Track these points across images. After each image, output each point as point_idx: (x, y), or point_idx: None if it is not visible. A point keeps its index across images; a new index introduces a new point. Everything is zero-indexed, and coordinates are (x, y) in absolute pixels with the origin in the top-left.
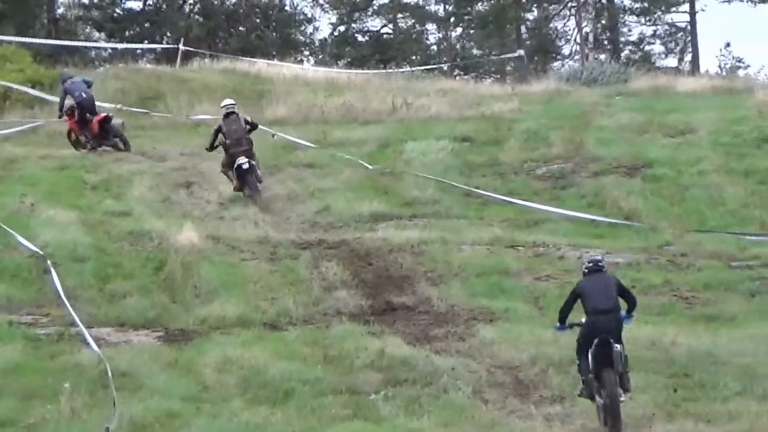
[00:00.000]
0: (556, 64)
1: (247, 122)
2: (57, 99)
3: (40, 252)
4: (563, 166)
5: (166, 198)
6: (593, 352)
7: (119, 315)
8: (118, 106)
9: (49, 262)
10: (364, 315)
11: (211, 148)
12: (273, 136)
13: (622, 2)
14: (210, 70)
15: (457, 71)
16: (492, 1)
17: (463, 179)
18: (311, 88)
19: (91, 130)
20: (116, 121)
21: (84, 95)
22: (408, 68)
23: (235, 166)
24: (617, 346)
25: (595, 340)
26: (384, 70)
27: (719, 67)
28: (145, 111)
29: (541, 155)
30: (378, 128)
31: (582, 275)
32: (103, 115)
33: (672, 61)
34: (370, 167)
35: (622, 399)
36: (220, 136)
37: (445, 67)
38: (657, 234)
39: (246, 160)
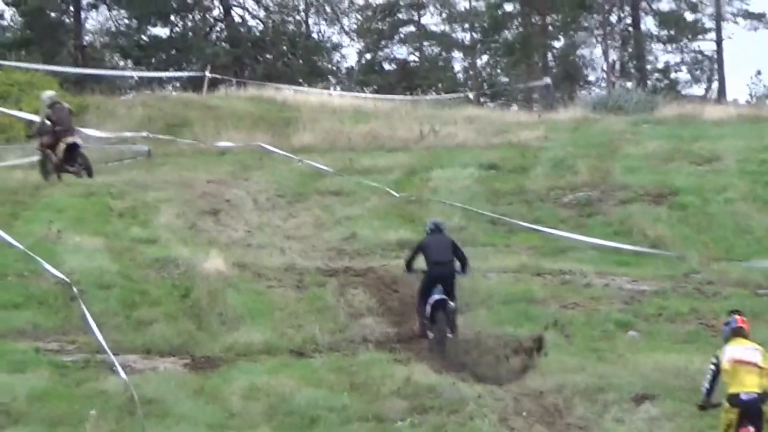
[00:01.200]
0: (583, 91)
1: (70, 111)
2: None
3: (67, 279)
4: (589, 194)
5: (193, 225)
6: (433, 305)
7: (145, 342)
8: (144, 133)
9: (75, 289)
10: (390, 342)
11: (38, 133)
12: (300, 161)
13: (649, 30)
14: (236, 97)
15: (483, 99)
16: (518, 29)
17: (490, 207)
18: (338, 116)
19: None
20: (142, 149)
21: None
22: (434, 96)
23: (68, 144)
24: (451, 304)
25: (435, 299)
26: (410, 98)
27: (750, 95)
28: (172, 138)
29: (568, 183)
30: (404, 156)
31: (425, 234)
32: None
33: (699, 90)
34: (397, 195)
35: (449, 336)
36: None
37: (471, 94)
38: (683, 262)
39: (80, 140)
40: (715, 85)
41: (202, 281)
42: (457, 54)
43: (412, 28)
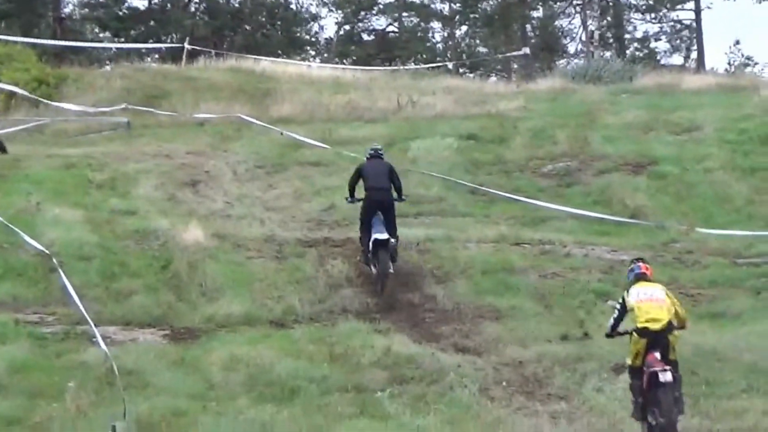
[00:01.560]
0: (562, 61)
1: None
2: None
3: (46, 251)
4: (569, 164)
5: (172, 196)
6: (373, 242)
7: (125, 313)
8: (123, 105)
9: (55, 260)
10: (369, 313)
11: None
12: (281, 134)
13: (628, 0)
14: (215, 69)
15: (462, 69)
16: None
17: (469, 177)
18: (316, 87)
19: None
20: (121, 120)
21: None
22: (413, 66)
23: None
24: (392, 241)
25: (376, 238)
26: (389, 68)
27: (728, 64)
28: (151, 110)
29: (547, 153)
30: (383, 126)
31: (365, 159)
32: None
33: (677, 59)
34: None
35: (390, 271)
36: None
37: (450, 65)
38: (663, 231)
39: None
40: (693, 54)
41: (182, 252)
42: (436, 24)
43: None
